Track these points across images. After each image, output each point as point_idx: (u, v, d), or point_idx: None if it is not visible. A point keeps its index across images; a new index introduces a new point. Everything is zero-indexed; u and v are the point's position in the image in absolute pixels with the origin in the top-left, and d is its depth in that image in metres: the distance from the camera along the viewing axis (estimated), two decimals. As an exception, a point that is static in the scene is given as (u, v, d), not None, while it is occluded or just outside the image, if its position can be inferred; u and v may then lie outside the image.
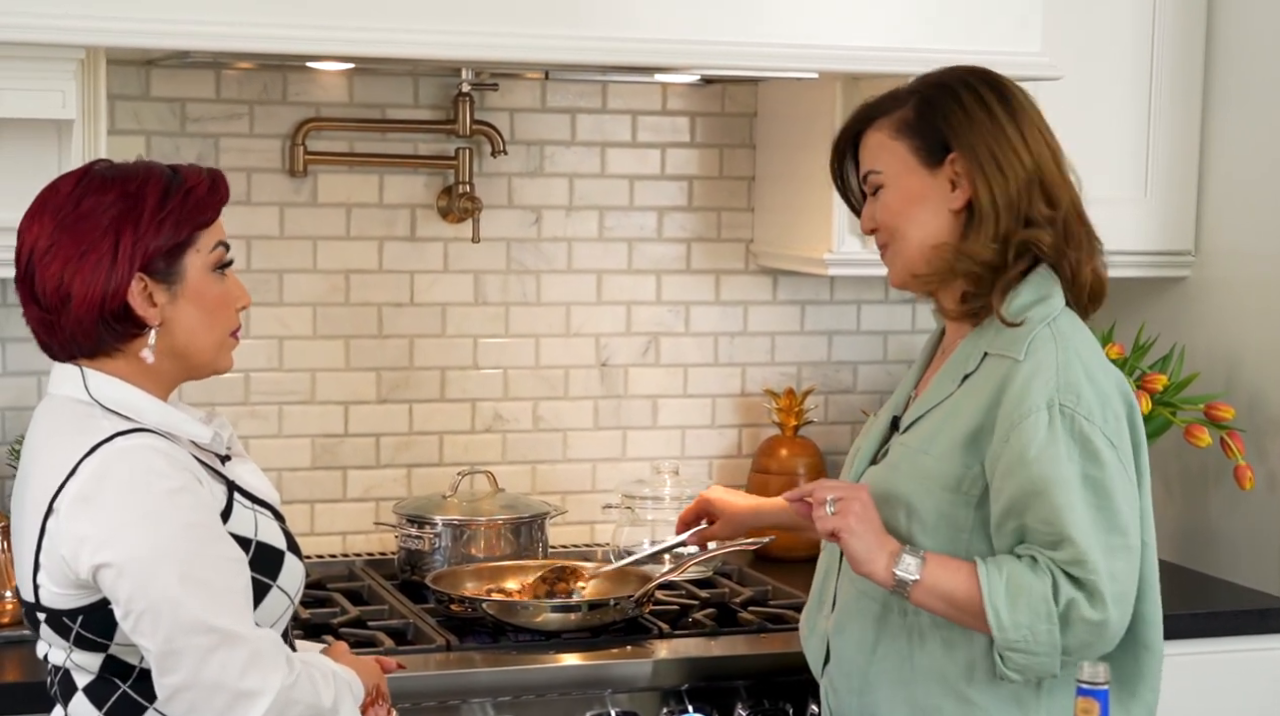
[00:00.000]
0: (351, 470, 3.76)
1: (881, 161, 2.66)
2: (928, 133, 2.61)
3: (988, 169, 2.56)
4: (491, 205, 3.75)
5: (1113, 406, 2.57)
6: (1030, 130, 2.60)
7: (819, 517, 2.56)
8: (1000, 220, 2.56)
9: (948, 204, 2.60)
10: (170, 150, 3.57)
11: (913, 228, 2.63)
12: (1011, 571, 2.50)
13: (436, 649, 3.13)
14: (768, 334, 4.01)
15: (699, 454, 3.98)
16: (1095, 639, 2.52)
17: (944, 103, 2.61)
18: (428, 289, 3.77)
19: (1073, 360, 2.55)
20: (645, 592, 3.26)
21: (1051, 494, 2.48)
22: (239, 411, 3.67)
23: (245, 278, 3.42)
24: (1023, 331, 2.57)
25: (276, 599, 2.41)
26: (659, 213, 3.92)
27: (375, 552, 3.76)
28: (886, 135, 2.65)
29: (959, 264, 2.58)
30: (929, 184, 2.62)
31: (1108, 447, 2.53)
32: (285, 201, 3.66)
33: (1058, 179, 2.59)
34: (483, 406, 3.83)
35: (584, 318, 3.88)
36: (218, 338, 2.40)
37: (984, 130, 2.57)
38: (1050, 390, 2.52)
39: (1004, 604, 2.47)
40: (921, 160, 2.62)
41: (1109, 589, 2.50)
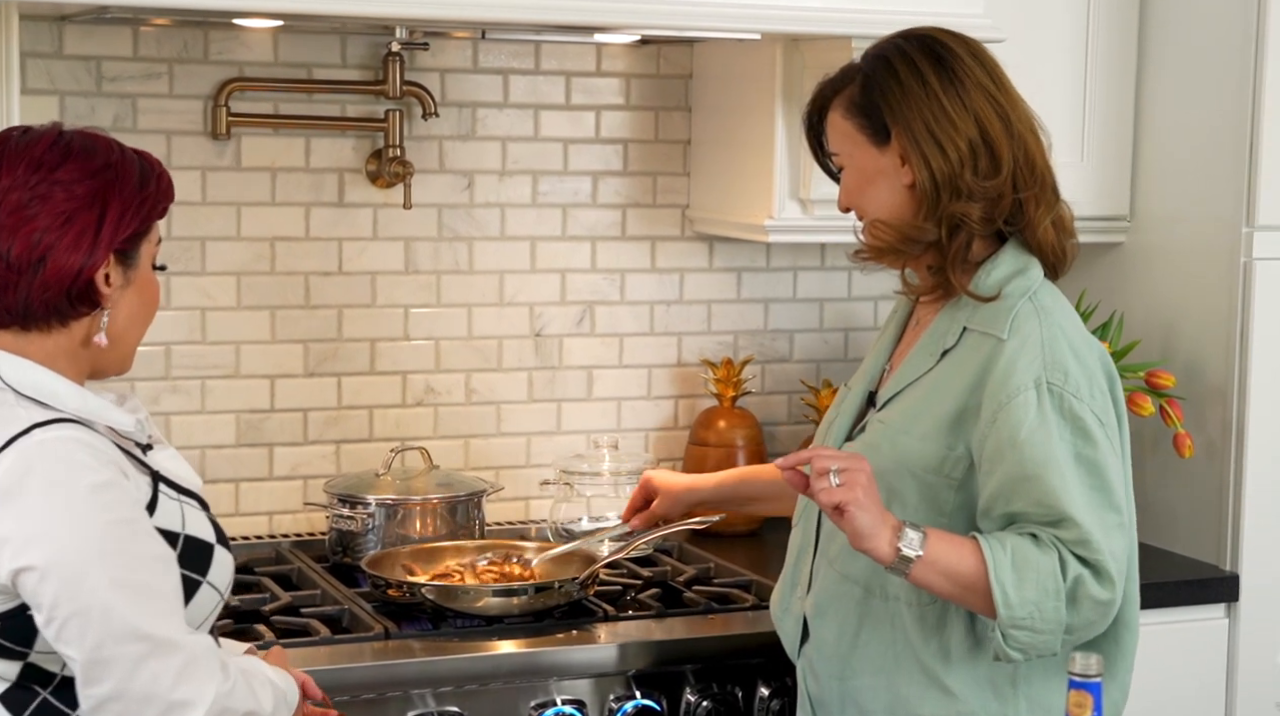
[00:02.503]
0: (278, 447, 3.67)
1: (836, 142, 2.66)
2: (871, 111, 2.59)
3: (925, 146, 2.53)
4: (422, 169, 3.65)
5: (1098, 382, 2.53)
6: (972, 95, 2.55)
7: (821, 490, 2.43)
8: (939, 196, 2.53)
9: (900, 180, 2.58)
10: (85, 111, 3.45)
11: (871, 206, 2.62)
12: (1016, 546, 2.44)
13: (374, 637, 3.02)
14: (704, 302, 3.95)
15: (635, 426, 3.92)
16: (1099, 617, 2.49)
17: (882, 78, 2.58)
18: (356, 257, 3.68)
19: (1058, 336, 2.52)
20: (590, 574, 3.18)
21: (1046, 476, 2.44)
22: (159, 386, 3.56)
23: (165, 245, 3.29)
24: (1004, 307, 2.54)
25: (206, 595, 2.29)
26: (594, 177, 3.84)
27: (304, 533, 3.66)
28: (839, 115, 2.64)
29: (902, 243, 2.56)
30: (881, 162, 2.59)
31: (1097, 425, 2.50)
32: (207, 165, 3.55)
33: (1003, 141, 2.54)
34: (414, 379, 3.74)
35: (517, 286, 3.80)
36: (142, 333, 2.35)
37: (918, 104, 2.54)
38: (1037, 368, 2.48)
39: (1010, 579, 2.41)
40: (870, 139, 2.60)
41: (1112, 567, 2.46)
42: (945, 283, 2.58)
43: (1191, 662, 3.56)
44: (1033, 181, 2.57)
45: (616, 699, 3.01)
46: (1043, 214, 2.58)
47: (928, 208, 2.54)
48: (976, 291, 2.56)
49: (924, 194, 2.53)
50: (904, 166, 2.56)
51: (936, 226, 2.54)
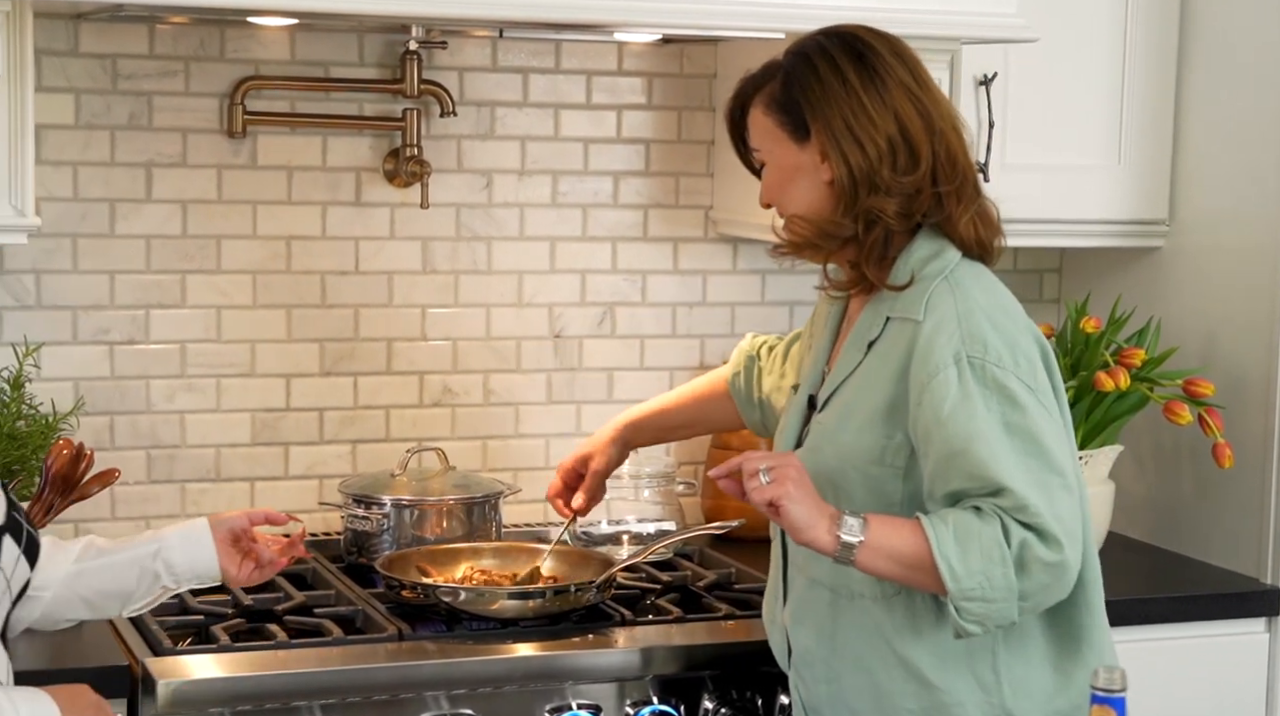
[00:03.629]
0: (294, 446, 3.64)
1: (758, 138, 2.67)
2: (791, 108, 2.60)
3: (844, 143, 2.54)
4: (440, 169, 3.62)
5: (1023, 350, 2.52)
6: (894, 91, 2.56)
7: (753, 489, 2.46)
8: (858, 192, 2.54)
9: (820, 176, 2.59)
10: (101, 109, 3.44)
11: (791, 202, 2.63)
12: (957, 520, 2.44)
13: (388, 638, 2.99)
14: (727, 304, 3.91)
15: None
16: (1053, 580, 2.47)
17: (802, 75, 2.59)
18: (373, 256, 3.64)
19: (973, 309, 2.52)
20: (607, 578, 3.14)
21: (974, 448, 2.44)
22: (175, 384, 3.54)
23: (181, 243, 3.46)
24: (918, 290, 2.56)
25: None
26: (615, 177, 3.81)
27: (319, 533, 3.63)
28: (760, 111, 2.65)
29: (819, 238, 2.58)
30: (800, 159, 2.60)
31: (1025, 391, 2.49)
32: (223, 164, 3.53)
33: (921, 138, 2.55)
34: (431, 379, 3.71)
35: (537, 287, 3.77)
36: None
37: (838, 102, 2.55)
38: (955, 344, 2.49)
39: (954, 552, 2.41)
40: (790, 136, 2.61)
41: (1058, 528, 2.44)
42: (864, 277, 2.60)
43: (1231, 677, 3.49)
44: (953, 177, 2.58)
45: (634, 704, 2.97)
46: (963, 209, 2.59)
47: (845, 203, 2.55)
48: (893, 282, 2.58)
49: (842, 190, 2.55)
50: (823, 163, 2.57)
51: (853, 222, 2.55)
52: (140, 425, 3.51)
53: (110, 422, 3.49)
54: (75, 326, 3.46)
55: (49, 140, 3.39)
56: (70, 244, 3.44)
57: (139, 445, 3.51)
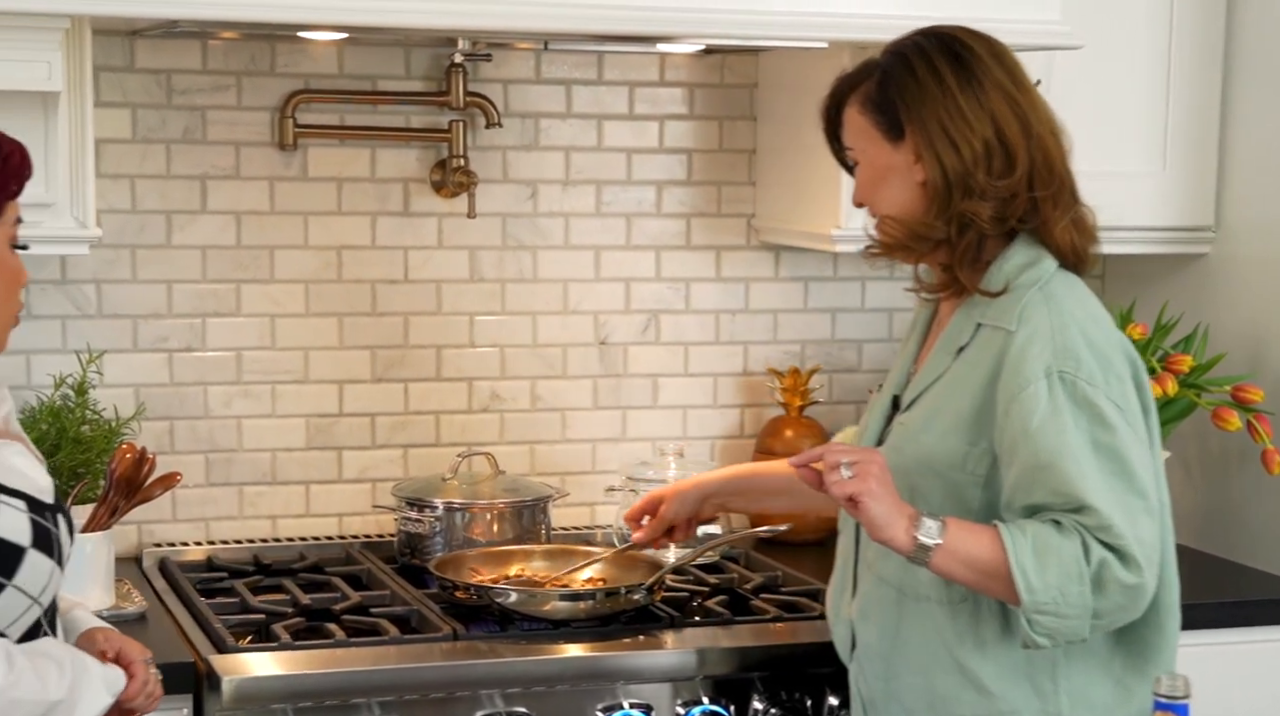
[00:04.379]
0: (347, 450, 3.68)
1: (852, 137, 2.65)
2: (887, 108, 2.58)
3: (938, 144, 2.52)
4: (486, 179, 3.66)
5: (1115, 369, 2.50)
6: (989, 94, 2.54)
7: (834, 482, 2.44)
8: (951, 195, 2.52)
9: (913, 177, 2.56)
10: (156, 123, 3.49)
11: (883, 203, 2.61)
12: (1037, 532, 2.42)
13: (443, 638, 3.03)
14: (770, 311, 3.93)
15: (701, 434, 3.89)
16: (1129, 602, 2.45)
17: (899, 75, 2.57)
18: (422, 265, 3.68)
19: (1068, 323, 2.49)
20: (657, 580, 3.16)
21: (1062, 464, 2.42)
22: (231, 391, 3.59)
23: (234, 254, 3.50)
24: (1012, 299, 2.53)
25: (12, 600, 2.23)
26: (658, 187, 3.83)
27: (372, 535, 3.69)
28: (856, 110, 2.63)
29: (911, 240, 2.56)
30: (894, 159, 2.58)
31: (1114, 411, 2.47)
32: (275, 175, 3.57)
33: (1018, 142, 2.52)
34: (479, 385, 3.74)
35: (582, 294, 3.79)
36: (9, 314, 2.31)
37: (934, 103, 2.53)
38: (1047, 358, 2.46)
39: (1031, 564, 2.39)
40: (885, 135, 2.59)
41: (1138, 551, 2.42)
42: (956, 281, 2.58)
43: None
44: (1050, 182, 2.55)
45: (684, 704, 3.00)
46: (1059, 215, 2.56)
47: (938, 206, 2.53)
48: (986, 288, 2.56)
49: (935, 192, 2.53)
50: (917, 164, 2.55)
51: (946, 224, 2.53)
52: (199, 430, 3.56)
53: (170, 427, 3.54)
54: (135, 334, 3.50)
55: (107, 154, 3.43)
56: (129, 254, 3.49)
57: (198, 449, 3.56)
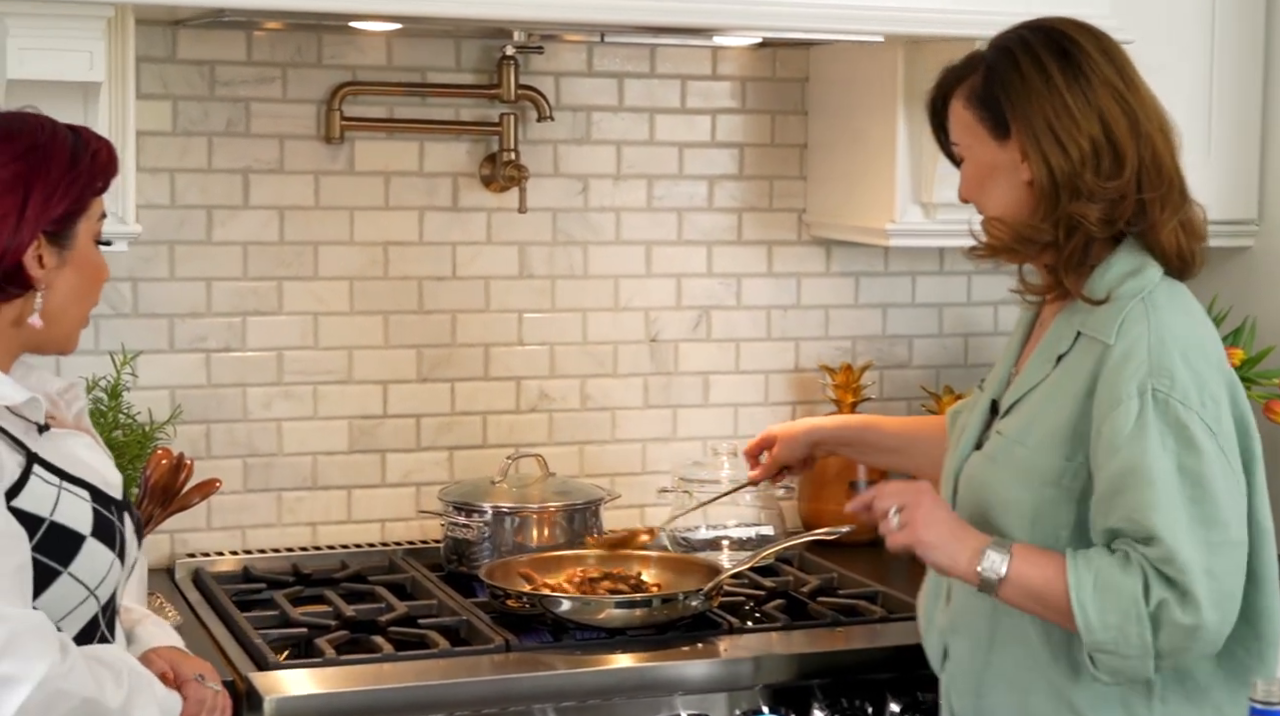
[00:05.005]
0: (391, 453, 3.63)
1: (958, 132, 2.60)
2: (992, 104, 2.52)
3: (1045, 144, 2.45)
4: (537, 173, 3.62)
5: (1210, 389, 2.42)
6: (1099, 91, 2.47)
7: (886, 533, 2.48)
8: (1059, 196, 2.45)
9: (1020, 177, 2.50)
10: (199, 115, 3.44)
11: (989, 202, 2.56)
12: (1101, 567, 2.37)
13: (494, 649, 2.97)
14: (821, 307, 3.89)
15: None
16: (1189, 643, 2.38)
17: (1004, 70, 2.51)
18: (470, 261, 3.63)
19: (1166, 340, 2.42)
20: (715, 586, 3.11)
21: (1140, 486, 2.36)
22: (271, 392, 3.54)
23: (278, 250, 3.47)
24: (1113, 310, 2.46)
25: (67, 588, 2.22)
26: (709, 181, 3.79)
27: (417, 541, 3.62)
28: (961, 105, 2.58)
29: (1017, 243, 2.50)
30: (1000, 157, 2.53)
31: (1205, 434, 2.39)
32: (320, 169, 3.52)
33: (1127, 142, 2.46)
34: (528, 385, 3.70)
35: (633, 291, 3.75)
36: (86, 311, 2.33)
37: (1040, 101, 2.47)
38: (1142, 374, 2.39)
39: (1092, 602, 2.35)
40: (990, 132, 2.54)
41: (1204, 588, 2.35)
42: (1060, 284, 2.52)
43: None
44: (1159, 183, 2.48)
45: (744, 713, 2.94)
46: (1168, 216, 2.49)
47: (1045, 207, 2.47)
48: (1090, 294, 2.50)
49: (1042, 193, 2.46)
50: (1023, 163, 2.49)
51: (1053, 227, 2.47)
52: (237, 433, 3.51)
53: (207, 431, 3.48)
54: (172, 334, 3.45)
55: (147, 147, 3.38)
56: (167, 251, 3.44)
57: (235, 453, 3.51)
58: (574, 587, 3.17)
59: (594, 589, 3.16)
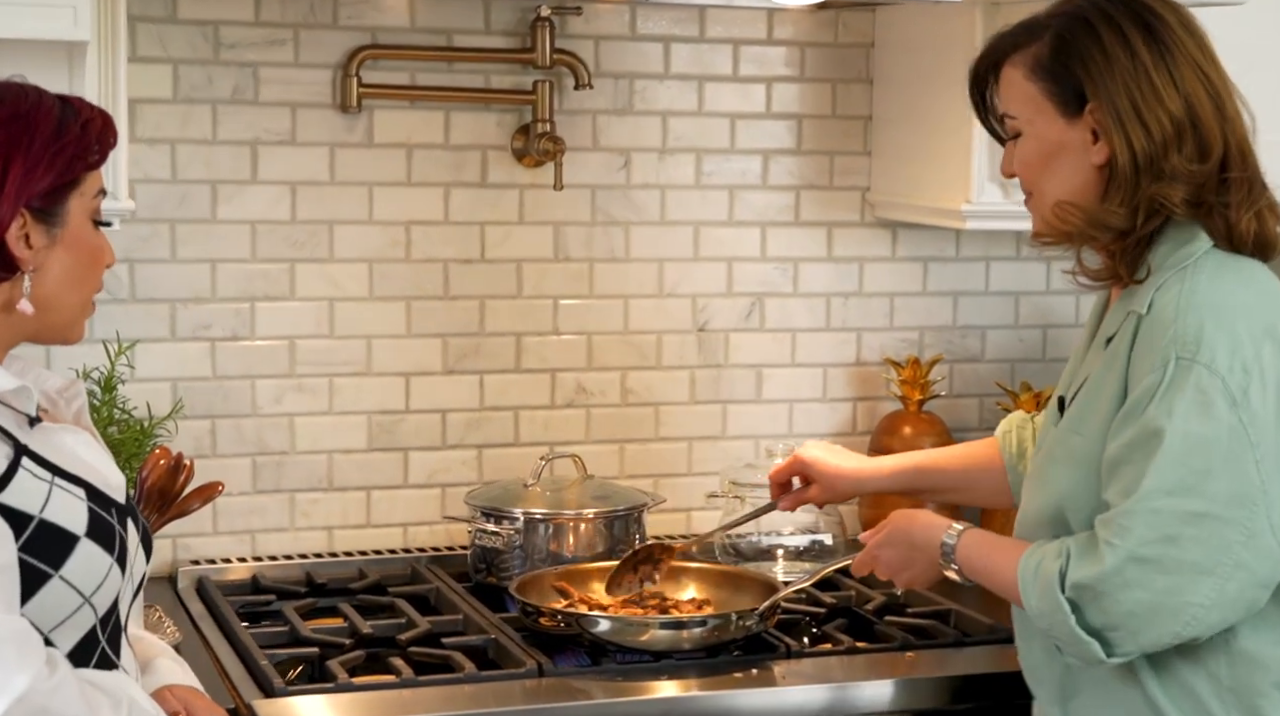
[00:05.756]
0: (414, 451, 3.44)
1: (1017, 104, 2.44)
2: (1063, 77, 2.38)
3: (1128, 123, 2.32)
4: (574, 147, 3.44)
5: (1244, 356, 2.23)
6: (1183, 69, 2.33)
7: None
8: (1140, 181, 2.33)
9: (1089, 158, 2.37)
10: (201, 81, 3.26)
11: (1051, 183, 2.41)
12: (1045, 552, 2.30)
13: (525, 674, 2.71)
14: (886, 295, 3.69)
15: (808, 431, 3.65)
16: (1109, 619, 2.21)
17: (1081, 41, 2.36)
18: (500, 243, 3.45)
19: (1196, 304, 2.27)
20: (771, 605, 2.85)
21: (1140, 458, 2.23)
22: (283, 384, 3.37)
23: (288, 230, 3.35)
24: (1151, 283, 2.34)
25: (59, 594, 2.09)
26: (764, 156, 3.60)
27: (441, 547, 3.45)
28: (1021, 75, 2.43)
29: (1092, 228, 2.36)
30: (1068, 135, 2.39)
31: (1227, 403, 2.22)
32: (336, 142, 3.35)
33: (1213, 124, 2.32)
34: (563, 378, 3.51)
35: (679, 276, 3.56)
36: (84, 297, 2.22)
37: (1125, 76, 2.33)
38: (1167, 341, 2.26)
39: (1032, 590, 2.30)
40: (1058, 108, 2.39)
41: (1116, 546, 2.19)
42: (1115, 269, 2.40)
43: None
44: (1245, 167, 2.36)
45: (803, 748, 2.70)
46: (1249, 202, 2.35)
47: (1125, 190, 2.32)
48: (1137, 276, 2.37)
49: (1121, 176, 2.32)
50: (1096, 143, 2.35)
51: (1131, 212, 2.33)
52: (245, 429, 3.34)
53: (212, 427, 3.32)
54: (173, 321, 3.29)
55: (144, 116, 3.22)
56: (168, 230, 3.27)
57: (243, 452, 3.34)
58: (614, 603, 2.94)
59: (638, 603, 2.93)
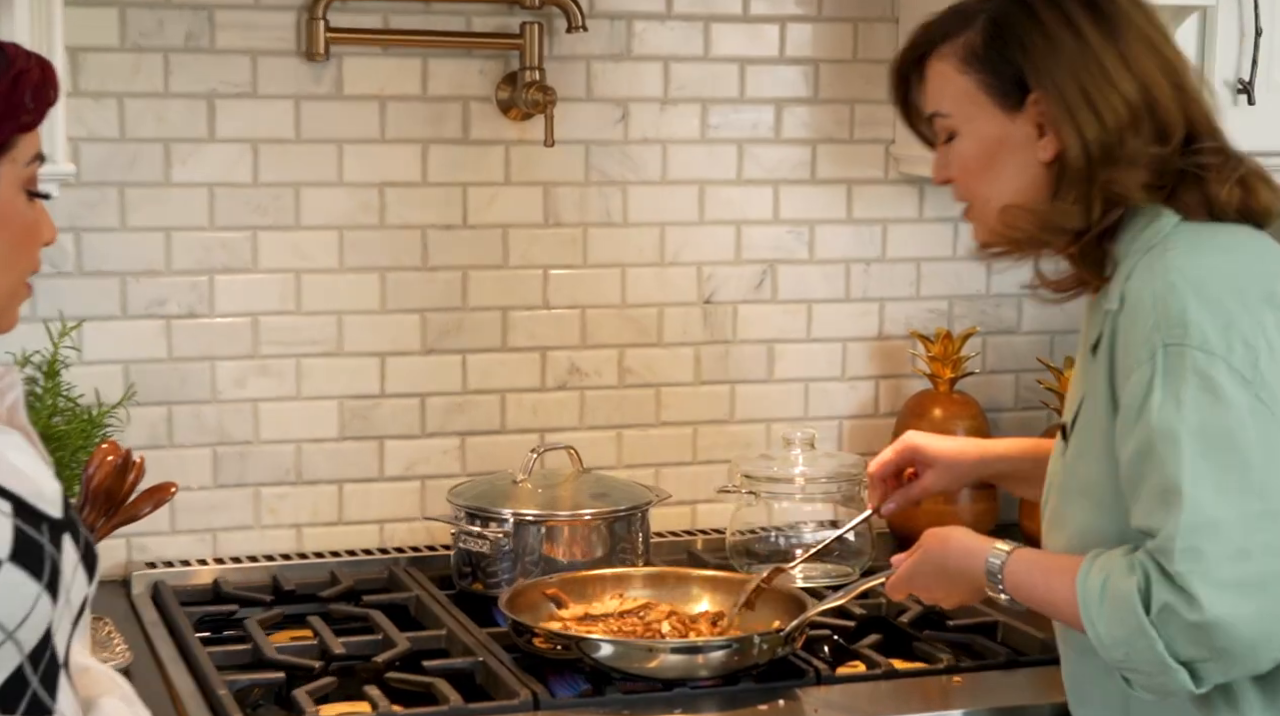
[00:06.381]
0: (390, 440, 3.25)
1: (949, 101, 2.28)
2: (1001, 66, 2.23)
3: (1078, 112, 2.17)
4: (566, 98, 3.23)
5: (1241, 329, 2.07)
6: (1135, 48, 2.20)
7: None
8: (1094, 173, 2.17)
9: (1036, 154, 2.21)
10: (152, 26, 3.06)
11: (995, 186, 2.25)
12: (1111, 569, 2.07)
13: (520, 707, 2.43)
14: (912, 260, 3.50)
15: (826, 413, 3.45)
16: (1207, 650, 2.00)
17: (1019, 25, 2.23)
18: (484, 207, 3.26)
19: (1175, 283, 2.09)
20: (799, 625, 2.56)
21: (1159, 465, 2.04)
22: (245, 366, 3.17)
23: (251, 193, 3.17)
24: (1121, 272, 2.18)
25: None
26: (776, 106, 3.38)
27: (421, 547, 3.23)
28: (952, 67, 2.27)
29: (1045, 232, 2.21)
30: (1010, 130, 2.23)
31: (1235, 383, 2.05)
32: (301, 93, 3.16)
33: (1171, 104, 2.19)
34: (555, 357, 3.32)
35: (682, 242, 3.36)
36: (15, 279, 2.05)
37: (1072, 60, 2.19)
38: (1148, 330, 2.09)
39: (1099, 614, 2.06)
40: (997, 101, 2.24)
41: (1203, 580, 1.98)
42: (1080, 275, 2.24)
43: None
44: (1213, 137, 2.21)
45: (837, 791, 2.44)
46: (1228, 168, 2.20)
47: (1077, 186, 2.17)
48: (1104, 273, 2.22)
49: (1071, 170, 2.17)
50: (1042, 137, 2.20)
51: (1086, 208, 2.17)
52: (204, 417, 3.15)
53: (168, 415, 3.13)
54: (123, 297, 3.11)
55: (87, 67, 3.04)
56: (116, 195, 3.09)
57: (203, 442, 3.16)
58: (617, 618, 2.67)
59: (644, 625, 2.65)
